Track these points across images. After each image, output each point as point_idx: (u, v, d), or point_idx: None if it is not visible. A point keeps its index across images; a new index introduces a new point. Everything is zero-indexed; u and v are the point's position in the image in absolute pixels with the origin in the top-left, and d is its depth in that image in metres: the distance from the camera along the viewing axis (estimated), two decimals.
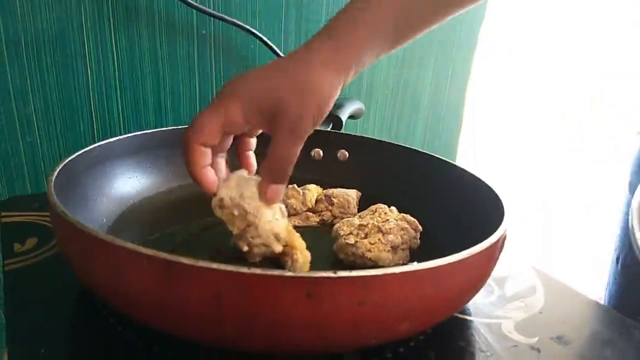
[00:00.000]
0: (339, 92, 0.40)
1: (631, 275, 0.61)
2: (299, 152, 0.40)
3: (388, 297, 0.30)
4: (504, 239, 0.38)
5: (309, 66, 0.39)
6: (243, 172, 0.44)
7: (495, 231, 0.36)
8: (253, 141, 0.45)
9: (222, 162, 0.43)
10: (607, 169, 1.57)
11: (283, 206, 0.44)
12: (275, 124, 0.38)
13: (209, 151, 0.40)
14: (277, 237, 0.42)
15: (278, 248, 0.42)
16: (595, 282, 0.67)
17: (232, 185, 0.42)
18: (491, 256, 0.37)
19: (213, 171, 0.42)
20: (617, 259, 0.63)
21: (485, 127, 1.28)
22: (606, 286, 0.66)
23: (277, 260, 0.44)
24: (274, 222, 0.42)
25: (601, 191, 1.57)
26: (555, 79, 1.44)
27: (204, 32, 0.69)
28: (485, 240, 0.34)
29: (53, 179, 0.39)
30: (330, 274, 0.28)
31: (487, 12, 0.96)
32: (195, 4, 0.66)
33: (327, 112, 0.40)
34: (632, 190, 0.61)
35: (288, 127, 0.38)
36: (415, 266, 0.31)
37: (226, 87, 0.40)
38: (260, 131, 0.44)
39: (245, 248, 0.43)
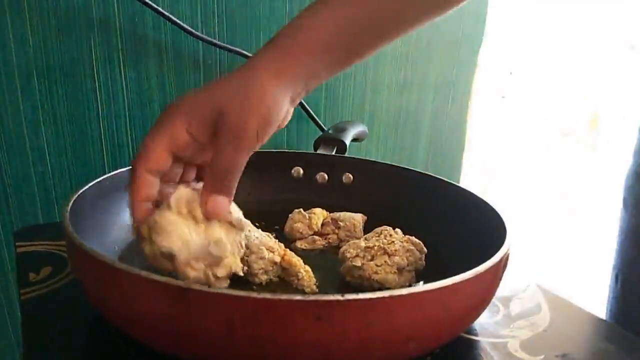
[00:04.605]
0: (286, 104, 0.39)
1: (631, 293, 0.61)
2: (243, 163, 0.38)
3: (395, 319, 0.31)
4: (507, 258, 0.39)
5: (254, 76, 0.38)
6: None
7: (497, 251, 0.37)
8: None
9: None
10: (608, 185, 1.58)
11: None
12: (219, 133, 0.37)
13: (157, 182, 0.38)
14: (270, 249, 0.45)
15: (275, 258, 0.45)
16: (599, 298, 0.67)
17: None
18: (494, 276, 0.37)
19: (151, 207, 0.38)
20: (617, 277, 0.62)
21: (488, 145, 1.29)
22: (606, 303, 0.65)
23: (284, 283, 0.46)
24: (261, 238, 0.46)
25: (602, 207, 1.57)
26: (557, 97, 1.46)
27: (210, 61, 0.71)
28: (488, 261, 0.35)
29: (68, 210, 0.40)
30: (338, 297, 0.30)
31: (487, 33, 0.98)
32: (202, 35, 0.68)
33: (274, 124, 0.38)
34: (626, 208, 0.61)
35: (231, 135, 0.36)
36: (420, 287, 0.32)
37: (169, 106, 0.38)
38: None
39: (245, 269, 0.44)
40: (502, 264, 0.38)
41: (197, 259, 0.35)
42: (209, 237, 0.36)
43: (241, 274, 0.40)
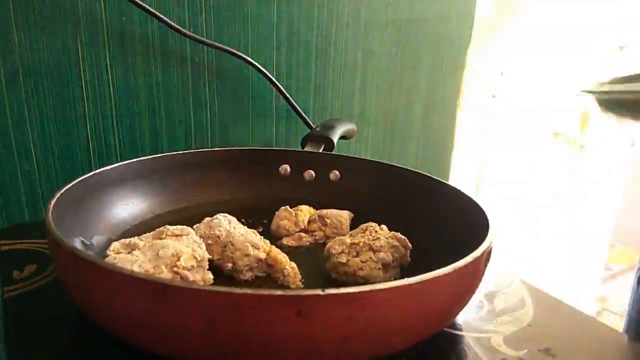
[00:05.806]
0: None
1: None
2: None
3: (376, 312, 0.31)
4: (489, 253, 0.39)
5: None
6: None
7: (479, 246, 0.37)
8: None
9: None
10: (599, 185, 1.59)
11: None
12: None
13: None
14: (255, 246, 0.45)
15: (260, 255, 0.45)
16: (590, 296, 0.66)
17: (201, 227, 0.47)
18: (476, 269, 0.38)
19: None
20: (638, 280, 0.60)
21: (478, 145, 1.30)
22: (626, 310, 0.64)
23: (269, 279, 0.46)
24: (246, 235, 0.46)
25: (591, 207, 1.58)
26: (547, 97, 1.47)
27: (197, 59, 0.71)
28: (470, 255, 0.35)
29: (51, 207, 0.40)
30: (318, 291, 0.30)
31: (477, 33, 0.99)
32: (189, 33, 0.67)
33: None
34: None
35: None
36: (401, 281, 0.32)
37: None
38: None
39: (230, 265, 0.45)
40: (484, 258, 0.38)
41: (157, 267, 0.38)
42: (154, 249, 0.40)
43: (208, 256, 0.43)
